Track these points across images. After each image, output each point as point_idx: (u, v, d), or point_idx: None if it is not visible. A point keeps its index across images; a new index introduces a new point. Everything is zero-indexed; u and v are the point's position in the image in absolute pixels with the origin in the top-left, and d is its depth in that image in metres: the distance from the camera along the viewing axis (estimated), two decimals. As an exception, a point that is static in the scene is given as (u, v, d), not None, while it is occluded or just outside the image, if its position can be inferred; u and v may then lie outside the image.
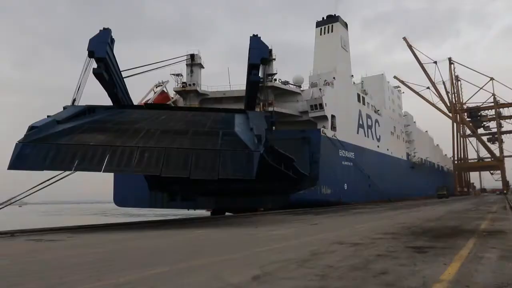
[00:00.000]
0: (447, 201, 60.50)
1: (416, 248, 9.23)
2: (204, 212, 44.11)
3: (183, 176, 17.61)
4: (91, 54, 23.58)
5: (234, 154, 17.46)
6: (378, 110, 65.55)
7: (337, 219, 22.90)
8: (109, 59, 24.56)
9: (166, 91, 49.32)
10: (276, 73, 48.96)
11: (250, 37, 26.21)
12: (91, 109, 23.43)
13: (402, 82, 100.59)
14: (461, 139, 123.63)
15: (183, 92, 47.92)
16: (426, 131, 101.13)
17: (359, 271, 6.66)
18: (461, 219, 19.33)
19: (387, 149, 66.83)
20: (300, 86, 50.76)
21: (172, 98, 49.51)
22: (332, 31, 57.44)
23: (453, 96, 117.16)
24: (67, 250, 11.48)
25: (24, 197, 23.76)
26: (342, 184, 48.27)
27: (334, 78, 50.80)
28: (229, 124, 21.66)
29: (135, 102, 47.36)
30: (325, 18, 59.02)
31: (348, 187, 49.10)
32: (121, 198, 43.84)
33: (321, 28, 58.36)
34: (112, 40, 25.65)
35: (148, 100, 46.20)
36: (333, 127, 47.41)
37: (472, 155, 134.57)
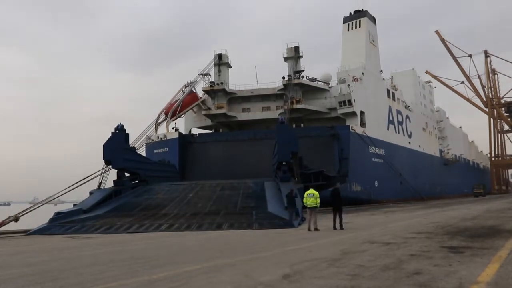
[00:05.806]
0: (483, 199, 58.25)
1: (452, 248, 8.93)
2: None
3: None
4: (108, 163, 25.74)
5: (271, 223, 17.70)
6: (409, 106, 63.88)
7: (368, 218, 22.55)
8: (126, 162, 26.47)
9: (194, 91, 49.96)
10: (303, 70, 48.64)
11: (277, 125, 26.50)
12: (117, 191, 24.68)
13: (435, 76, 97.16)
14: (499, 135, 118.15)
15: (211, 91, 48.43)
16: (460, 127, 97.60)
17: (391, 271, 6.51)
18: (499, 219, 18.52)
19: (419, 146, 65.00)
20: (328, 83, 50.18)
21: (201, 97, 50.13)
22: (359, 26, 56.44)
23: (490, 90, 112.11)
24: (103, 247, 11.88)
25: (59, 196, 24.91)
26: (373, 181, 47.36)
27: (362, 74, 49.87)
28: (261, 200, 22.05)
29: (166, 101, 48.50)
30: (352, 13, 58.07)
31: (379, 184, 48.12)
32: None
33: (348, 24, 57.38)
34: (127, 136, 27.25)
35: (177, 101, 46.93)
36: (363, 124, 46.55)
37: (510, 151, 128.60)
